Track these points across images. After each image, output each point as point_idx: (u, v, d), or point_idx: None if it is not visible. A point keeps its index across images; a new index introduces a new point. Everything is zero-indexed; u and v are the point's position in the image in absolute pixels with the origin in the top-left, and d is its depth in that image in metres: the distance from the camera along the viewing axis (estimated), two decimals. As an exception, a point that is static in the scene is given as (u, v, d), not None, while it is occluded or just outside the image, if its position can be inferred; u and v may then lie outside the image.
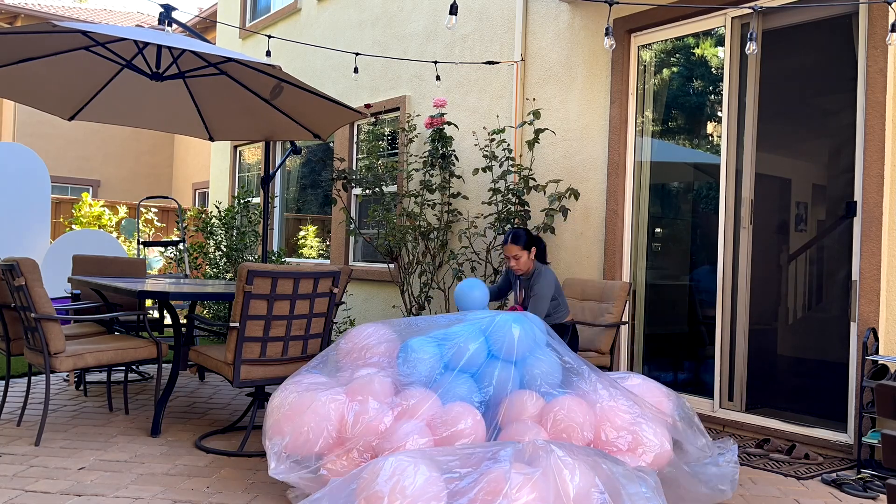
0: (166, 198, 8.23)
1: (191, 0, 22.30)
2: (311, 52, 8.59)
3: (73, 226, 9.81)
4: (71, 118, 5.28)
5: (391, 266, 7.00)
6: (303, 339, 3.85)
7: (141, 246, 8.14)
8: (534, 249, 4.34)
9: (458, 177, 6.11)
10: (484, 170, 5.70)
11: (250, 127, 5.68)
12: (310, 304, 3.79)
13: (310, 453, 2.81)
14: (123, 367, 5.77)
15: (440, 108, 6.54)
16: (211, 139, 5.85)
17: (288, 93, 4.97)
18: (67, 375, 5.54)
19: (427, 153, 6.23)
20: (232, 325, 3.63)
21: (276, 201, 9.15)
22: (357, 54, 5.97)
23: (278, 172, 9.09)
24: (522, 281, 4.46)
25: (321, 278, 3.79)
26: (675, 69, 5.11)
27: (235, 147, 10.26)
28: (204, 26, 14.67)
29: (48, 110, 5.15)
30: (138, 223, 8.30)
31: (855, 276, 4.03)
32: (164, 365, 5.91)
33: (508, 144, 5.86)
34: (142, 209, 11.93)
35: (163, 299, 4.00)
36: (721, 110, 4.74)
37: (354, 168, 7.75)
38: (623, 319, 4.81)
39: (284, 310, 3.71)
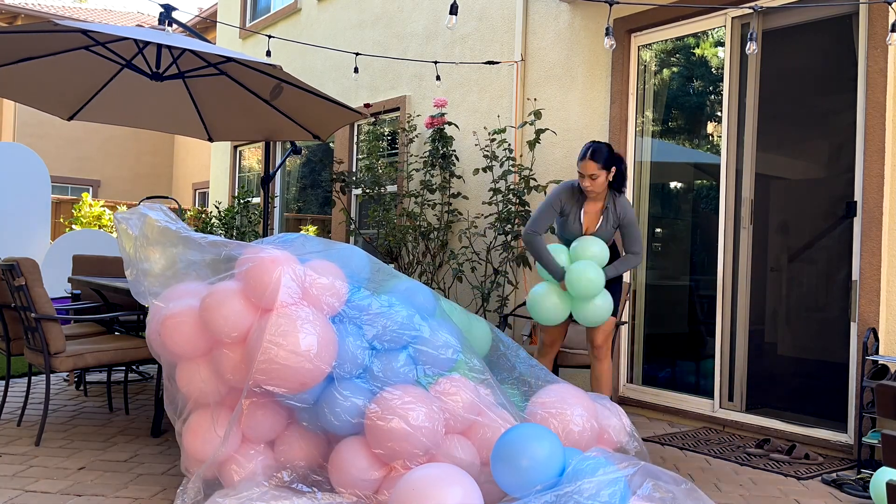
0: (166, 198, 8.23)
1: (191, 0, 22.30)
2: (311, 52, 8.59)
3: (74, 226, 9.81)
4: (70, 118, 5.27)
5: (391, 266, 7.00)
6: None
7: (141, 246, 8.13)
8: (614, 170, 3.71)
9: (459, 177, 6.11)
10: (484, 170, 5.70)
11: (250, 127, 5.68)
12: (310, 304, 3.78)
13: None
14: (123, 367, 5.77)
15: (440, 108, 6.54)
16: (210, 139, 5.85)
17: (288, 93, 4.97)
18: (67, 375, 5.54)
19: (427, 153, 6.23)
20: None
21: (276, 201, 9.15)
22: (357, 54, 5.97)
23: (278, 172, 9.09)
24: (594, 204, 3.80)
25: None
26: (675, 69, 5.11)
27: (235, 147, 10.26)
28: (204, 26, 14.67)
29: (47, 110, 5.15)
30: (138, 223, 8.30)
31: (855, 276, 4.03)
32: (164, 365, 5.91)
33: (509, 144, 5.86)
34: (142, 209, 11.91)
35: (163, 299, 3.99)
36: (721, 110, 4.74)
37: (354, 168, 7.75)
38: (622, 319, 4.81)
39: (284, 310, 3.70)
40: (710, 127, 4.89)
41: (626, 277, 5.17)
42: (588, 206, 3.81)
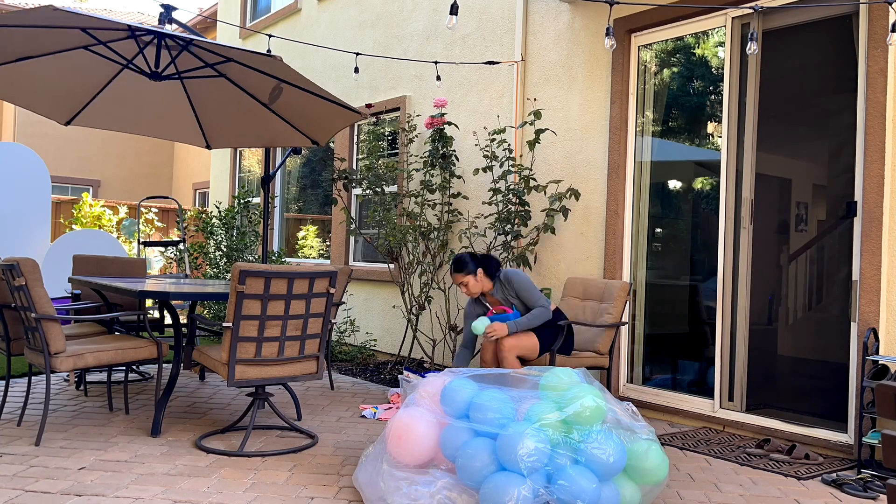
0: (166, 198, 8.23)
1: (191, 0, 22.30)
2: (311, 52, 8.59)
3: (74, 226, 9.81)
4: (67, 123, 5.25)
5: (391, 266, 7.00)
6: (300, 340, 3.84)
7: (141, 246, 8.13)
8: (480, 271, 4.40)
9: (459, 177, 6.11)
10: (484, 170, 5.70)
11: (248, 133, 5.63)
12: (306, 304, 3.78)
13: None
14: (124, 367, 5.77)
15: (440, 109, 6.54)
16: (208, 147, 5.83)
17: (287, 95, 4.95)
18: (67, 375, 5.55)
19: (427, 153, 6.23)
20: (225, 325, 3.63)
21: (277, 201, 9.15)
22: (357, 54, 5.97)
23: (278, 172, 9.09)
24: (490, 295, 4.49)
25: (317, 278, 3.79)
26: (675, 69, 5.11)
27: (235, 148, 10.26)
28: (204, 26, 14.68)
29: (45, 114, 5.09)
30: (138, 223, 8.30)
31: (855, 276, 4.03)
32: (164, 365, 5.91)
33: (509, 144, 5.86)
34: (142, 209, 11.93)
35: (163, 299, 4.00)
36: (721, 110, 4.74)
37: (355, 168, 7.75)
38: (623, 320, 4.81)
39: (279, 310, 3.70)
40: (711, 127, 4.89)
41: (626, 277, 5.17)
42: (489, 299, 4.51)
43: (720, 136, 4.73)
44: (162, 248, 10.11)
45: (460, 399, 2.98)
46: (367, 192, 6.51)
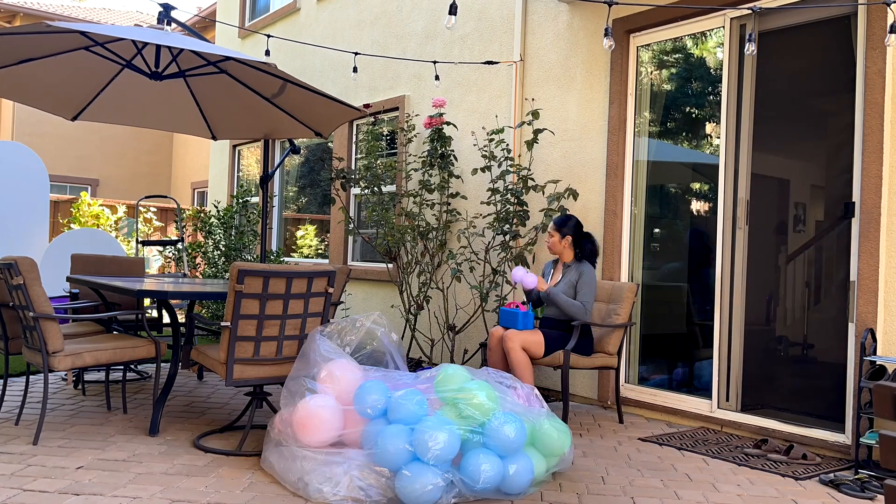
0: (165, 197, 8.23)
1: (190, 0, 22.28)
2: (310, 52, 8.59)
3: (72, 225, 9.81)
4: (74, 118, 5.28)
5: (390, 266, 7.00)
6: (298, 339, 3.84)
7: (139, 245, 8.13)
8: (569, 237, 4.67)
9: (457, 177, 6.11)
10: (483, 170, 5.70)
11: (252, 125, 5.68)
12: (304, 303, 3.79)
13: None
14: (122, 367, 5.77)
15: (439, 108, 6.54)
16: (213, 138, 5.85)
17: (289, 90, 4.97)
18: (66, 374, 5.54)
19: (426, 153, 6.24)
20: (224, 324, 3.63)
21: (275, 201, 9.15)
22: (356, 54, 5.97)
23: (277, 172, 9.09)
24: (562, 267, 4.72)
25: (315, 278, 3.79)
26: (673, 70, 5.11)
27: (234, 147, 10.26)
28: (203, 25, 14.68)
29: (51, 111, 5.15)
30: (137, 222, 8.30)
31: (853, 276, 4.04)
32: (162, 364, 5.91)
33: (507, 144, 5.86)
34: (140, 208, 11.93)
35: (161, 299, 4.00)
36: (719, 111, 4.74)
37: (353, 167, 7.75)
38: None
39: (278, 309, 3.70)
40: (709, 127, 4.89)
41: (625, 277, 5.17)
42: (557, 267, 4.81)
43: (718, 137, 4.73)
44: (160, 248, 10.11)
45: (375, 399, 3.31)
46: (366, 191, 6.51)
